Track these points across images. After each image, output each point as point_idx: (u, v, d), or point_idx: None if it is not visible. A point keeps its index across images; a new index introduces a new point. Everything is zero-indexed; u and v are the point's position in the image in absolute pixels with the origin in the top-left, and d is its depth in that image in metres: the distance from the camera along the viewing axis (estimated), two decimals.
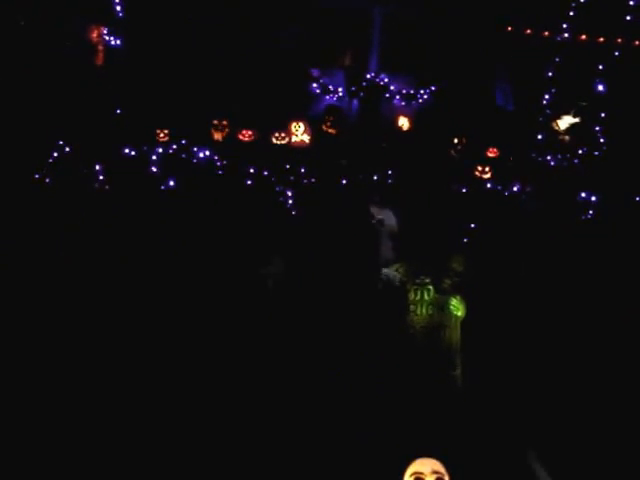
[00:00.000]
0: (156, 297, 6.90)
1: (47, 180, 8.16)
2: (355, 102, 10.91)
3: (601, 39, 10.64)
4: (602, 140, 9.93)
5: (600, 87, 10.32)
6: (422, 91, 11.02)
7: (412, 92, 11.01)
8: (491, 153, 9.46)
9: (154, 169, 8.39)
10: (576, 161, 9.60)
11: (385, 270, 5.75)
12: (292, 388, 5.93)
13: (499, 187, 8.77)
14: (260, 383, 5.97)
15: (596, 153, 9.81)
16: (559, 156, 9.56)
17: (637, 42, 10.60)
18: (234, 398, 5.80)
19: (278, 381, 5.99)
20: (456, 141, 9.42)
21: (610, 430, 5.68)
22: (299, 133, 9.17)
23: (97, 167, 8.25)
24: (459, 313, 5.49)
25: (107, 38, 9.84)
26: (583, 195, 8.74)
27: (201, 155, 8.60)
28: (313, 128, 9.31)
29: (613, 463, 5.26)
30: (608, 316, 7.05)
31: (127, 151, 8.46)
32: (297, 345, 6.43)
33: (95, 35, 9.85)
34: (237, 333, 6.56)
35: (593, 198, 8.71)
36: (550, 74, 10.22)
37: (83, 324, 6.53)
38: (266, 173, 8.45)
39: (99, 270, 7.19)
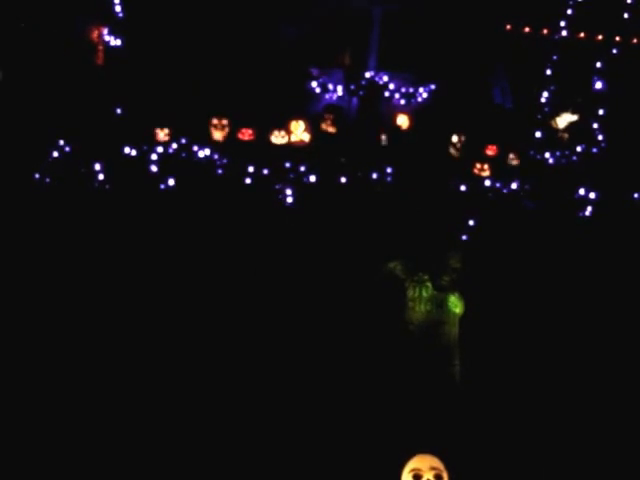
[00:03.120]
0: (154, 294, 6.93)
1: (47, 180, 8.18)
2: (354, 101, 10.93)
3: (599, 37, 10.64)
4: (600, 137, 9.96)
5: (599, 85, 10.34)
6: (421, 89, 11.03)
7: (411, 90, 11.02)
8: (490, 151, 9.48)
9: (154, 168, 8.41)
10: (575, 158, 9.63)
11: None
12: (291, 385, 5.95)
13: (498, 184, 8.80)
14: (258, 380, 5.99)
15: (595, 150, 9.84)
16: (558, 153, 9.59)
17: (635, 40, 10.60)
18: (234, 394, 5.82)
19: (276, 378, 6.02)
20: (455, 139, 9.44)
21: (608, 425, 5.71)
22: (299, 132, 9.19)
23: (97, 166, 8.26)
24: (457, 310, 5.51)
25: (107, 38, 9.86)
26: (582, 192, 8.76)
27: (201, 154, 8.62)
28: (313, 127, 9.33)
29: (610, 456, 5.29)
30: (606, 312, 7.08)
31: (127, 151, 8.48)
32: (296, 342, 6.46)
33: (95, 35, 9.87)
34: (236, 329, 6.60)
35: (592, 195, 8.73)
36: (549, 72, 10.24)
37: (84, 323, 6.56)
38: (266, 172, 8.47)
39: (99, 269, 7.21)
